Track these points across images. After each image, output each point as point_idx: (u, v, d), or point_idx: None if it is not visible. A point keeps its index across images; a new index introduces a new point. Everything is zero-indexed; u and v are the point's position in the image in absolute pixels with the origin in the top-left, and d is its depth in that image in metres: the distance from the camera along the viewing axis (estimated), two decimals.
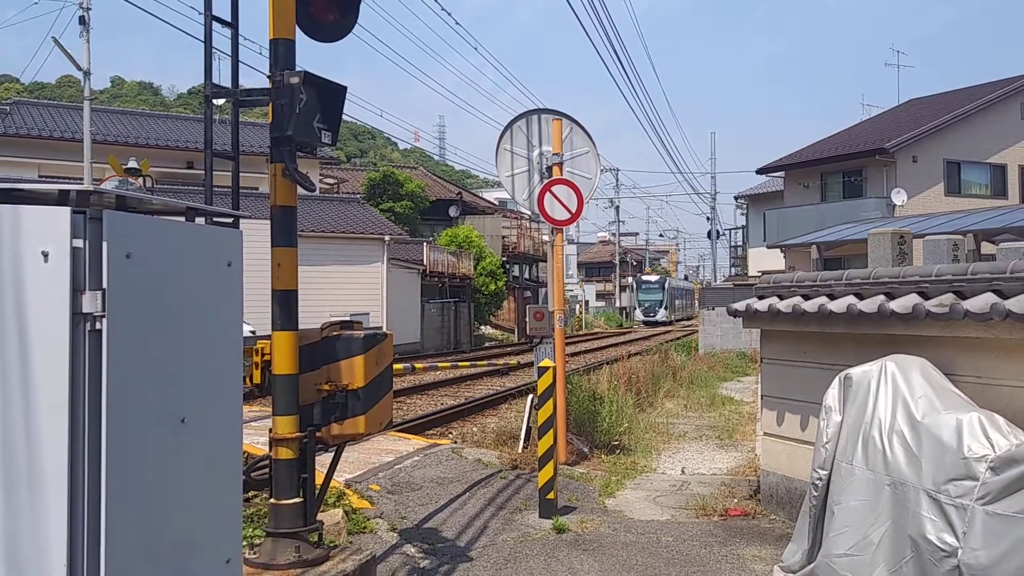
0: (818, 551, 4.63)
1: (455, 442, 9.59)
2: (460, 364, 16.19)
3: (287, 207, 4.29)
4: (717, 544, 5.73)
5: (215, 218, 2.83)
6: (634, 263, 74.44)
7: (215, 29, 4.16)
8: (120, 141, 26.14)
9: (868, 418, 4.47)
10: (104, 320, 2.07)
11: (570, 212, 8.47)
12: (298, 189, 4.32)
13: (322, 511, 4.76)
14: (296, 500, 4.20)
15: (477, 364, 15.70)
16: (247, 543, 4.42)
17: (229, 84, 4.29)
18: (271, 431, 4.24)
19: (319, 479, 4.46)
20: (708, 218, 53.57)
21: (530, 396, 8.31)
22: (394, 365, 4.71)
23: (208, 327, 2.52)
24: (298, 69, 4.13)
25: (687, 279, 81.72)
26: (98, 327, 2.07)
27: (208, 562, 2.50)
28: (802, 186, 29.16)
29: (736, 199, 42.94)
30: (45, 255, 2.03)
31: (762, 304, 6.27)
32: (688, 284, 73.21)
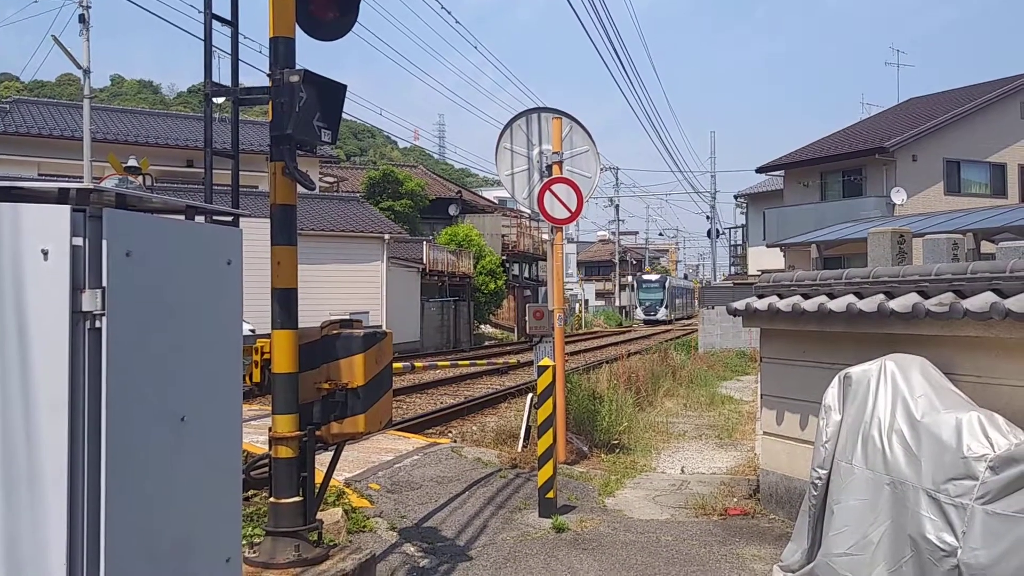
0: (818, 550, 4.64)
1: (455, 441, 9.59)
2: (460, 363, 16.25)
3: (287, 205, 4.29)
4: (717, 543, 5.73)
5: (215, 216, 2.83)
6: (634, 262, 74.45)
7: (215, 27, 4.17)
8: (120, 139, 26.16)
9: (868, 417, 4.47)
10: (104, 319, 2.06)
11: (570, 211, 8.47)
12: (298, 187, 4.32)
13: (322, 510, 4.76)
14: (296, 499, 4.20)
15: (477, 363, 15.72)
16: (247, 542, 4.43)
17: (229, 82, 4.30)
18: (271, 430, 4.24)
19: (319, 478, 4.46)
20: (708, 217, 53.59)
21: (530, 395, 8.30)
22: (394, 364, 4.71)
23: (208, 326, 2.52)
24: (298, 67, 4.13)
25: (687, 278, 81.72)
26: (98, 326, 2.07)
27: (208, 561, 2.50)
28: (802, 185, 29.15)
29: (736, 198, 43.01)
30: (45, 253, 2.03)
31: (762, 303, 6.27)
32: (688, 283, 73.21)
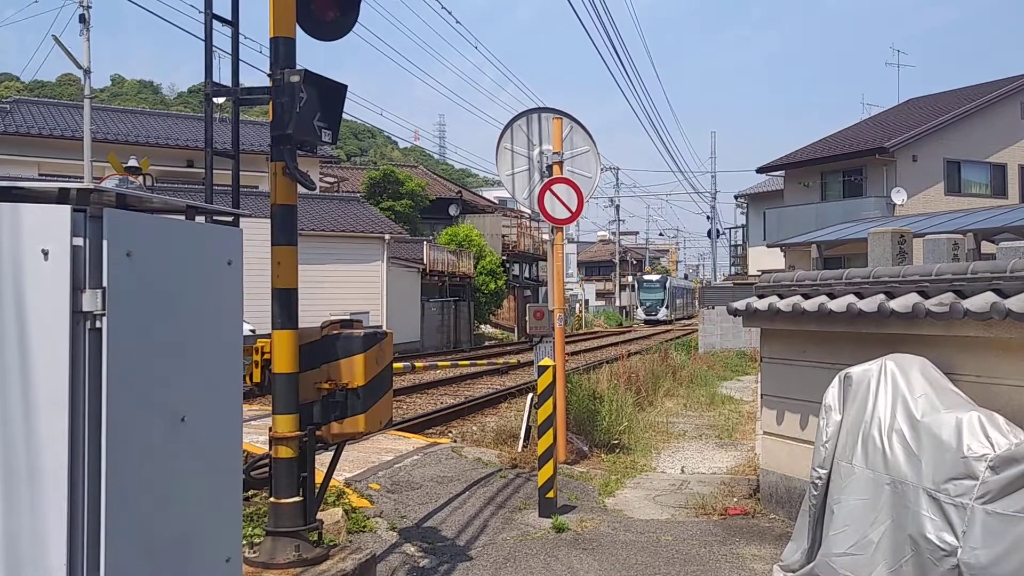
0: (818, 550, 4.64)
1: (455, 441, 9.59)
2: (460, 363, 16.24)
3: (287, 205, 4.29)
4: (717, 543, 5.73)
5: (215, 216, 2.83)
6: (634, 262, 74.47)
7: (215, 28, 4.17)
8: (120, 139, 26.16)
9: (868, 417, 4.47)
10: (104, 319, 2.06)
11: (570, 211, 8.47)
12: (298, 188, 4.32)
13: (322, 510, 4.76)
14: (296, 499, 4.20)
15: (477, 363, 15.71)
16: (247, 542, 4.43)
17: (229, 82, 4.30)
18: (271, 430, 4.24)
19: (319, 478, 4.46)
20: (708, 217, 53.62)
21: (530, 395, 8.31)
22: (394, 364, 4.71)
23: (208, 325, 2.52)
24: (298, 67, 4.13)
25: (687, 278, 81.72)
26: (98, 325, 2.07)
27: (208, 561, 2.50)
28: (802, 185, 29.16)
29: (736, 198, 42.96)
30: (45, 253, 2.03)
31: (762, 303, 6.27)
32: (688, 283, 73.23)
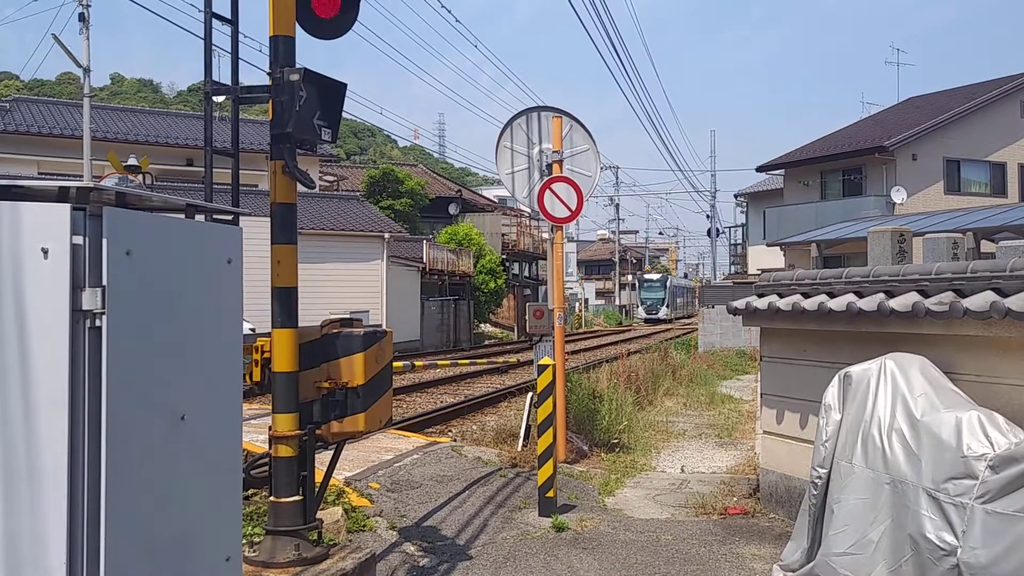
0: (817, 550, 4.64)
1: (455, 440, 9.58)
2: (460, 362, 16.27)
3: (287, 204, 4.29)
4: (716, 543, 5.73)
5: (215, 215, 2.83)
6: (634, 261, 74.47)
7: (215, 26, 4.17)
8: (120, 138, 26.14)
9: (868, 416, 4.47)
10: (104, 317, 2.06)
11: (570, 210, 8.47)
12: (298, 186, 4.32)
13: (322, 509, 4.76)
14: (296, 498, 4.20)
15: (477, 362, 15.73)
16: (247, 541, 4.43)
17: (229, 81, 4.30)
18: (271, 429, 4.24)
19: (319, 477, 4.46)
20: (708, 216, 53.59)
21: (530, 394, 8.31)
22: (394, 363, 4.71)
23: (208, 324, 2.52)
24: (298, 66, 4.13)
25: (687, 277, 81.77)
26: (98, 324, 2.06)
27: (208, 560, 2.50)
28: (802, 184, 29.15)
29: (736, 197, 42.91)
30: (45, 252, 2.03)
31: (762, 302, 6.27)
32: (689, 282, 73.29)
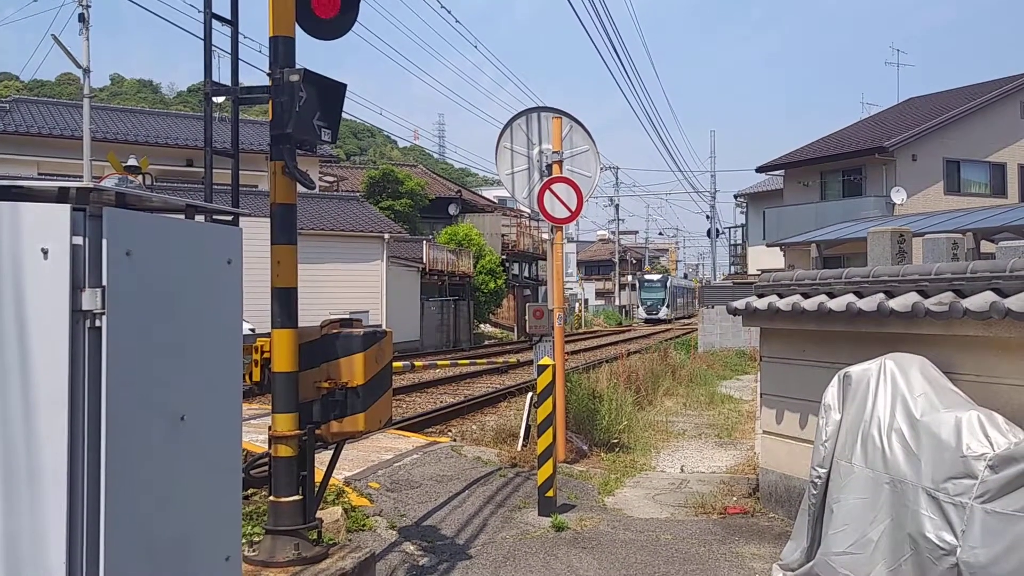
0: (817, 549, 4.64)
1: (454, 440, 9.58)
2: (459, 362, 16.27)
3: (287, 205, 4.29)
4: (716, 542, 5.74)
5: (215, 216, 2.83)
6: (634, 261, 74.47)
7: (215, 27, 4.18)
8: (120, 139, 26.15)
9: (867, 416, 4.47)
10: (104, 317, 2.06)
11: (570, 210, 8.47)
12: (298, 187, 4.32)
13: (321, 509, 4.76)
14: (295, 498, 4.20)
15: (476, 362, 15.73)
16: (246, 541, 4.43)
17: (229, 82, 4.30)
18: (270, 429, 4.24)
19: (318, 477, 4.46)
20: (708, 216, 53.61)
21: (529, 394, 8.31)
22: (393, 363, 4.72)
23: (208, 325, 2.52)
24: (298, 67, 4.13)
25: (687, 277, 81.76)
26: (98, 324, 2.07)
27: (207, 559, 2.50)
28: (802, 185, 29.16)
29: (736, 197, 42.94)
30: (45, 252, 2.03)
31: (761, 302, 6.27)
32: (689, 283, 73.30)
